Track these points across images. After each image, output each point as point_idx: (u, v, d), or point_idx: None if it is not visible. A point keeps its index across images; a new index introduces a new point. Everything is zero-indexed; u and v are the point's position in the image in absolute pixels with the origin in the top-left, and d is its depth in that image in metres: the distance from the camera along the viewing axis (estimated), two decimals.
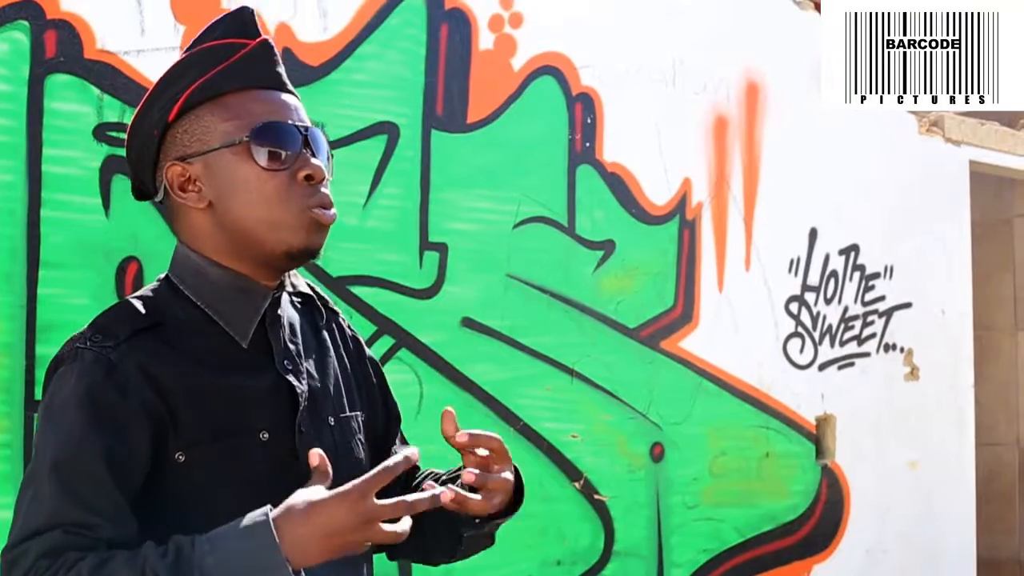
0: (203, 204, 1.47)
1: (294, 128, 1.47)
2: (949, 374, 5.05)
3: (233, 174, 1.44)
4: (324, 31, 3.11)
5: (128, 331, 1.42)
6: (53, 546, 1.29)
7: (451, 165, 3.37)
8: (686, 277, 3.99)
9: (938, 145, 5.04)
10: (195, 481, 1.40)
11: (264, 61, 1.50)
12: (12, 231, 2.55)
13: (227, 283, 1.48)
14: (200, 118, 1.46)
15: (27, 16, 2.59)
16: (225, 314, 1.47)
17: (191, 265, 1.49)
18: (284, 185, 1.45)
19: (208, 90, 1.46)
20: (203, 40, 1.51)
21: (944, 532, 4.98)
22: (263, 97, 1.48)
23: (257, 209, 1.44)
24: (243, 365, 1.47)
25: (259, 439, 1.44)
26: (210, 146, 1.45)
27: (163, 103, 1.48)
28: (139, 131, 1.51)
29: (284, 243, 1.45)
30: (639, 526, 3.83)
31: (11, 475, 2.54)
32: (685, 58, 4.01)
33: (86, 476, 1.33)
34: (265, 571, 1.24)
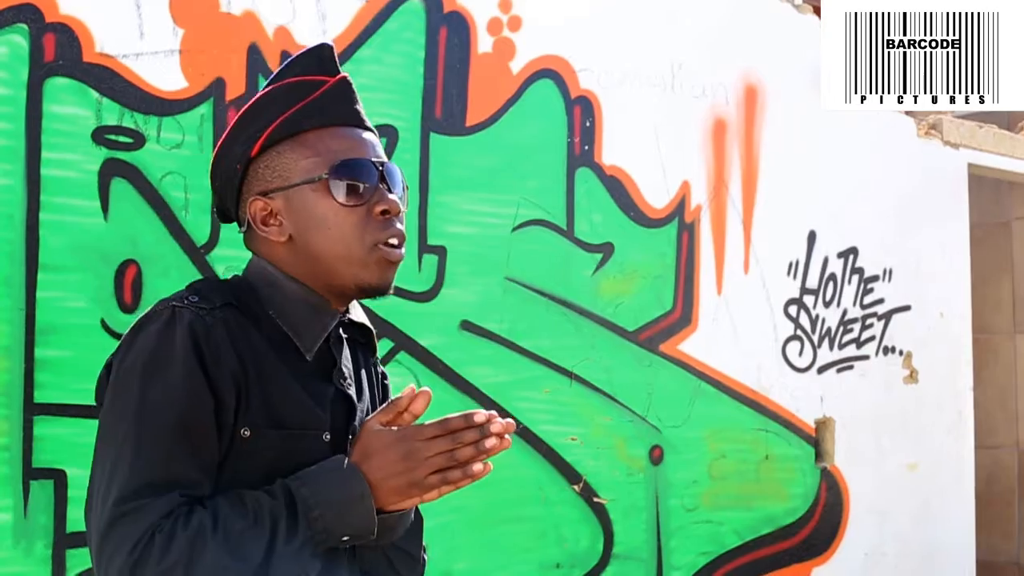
0: (284, 237, 1.51)
1: (371, 164, 1.53)
2: (948, 377, 5.05)
3: (312, 210, 1.49)
4: (323, 34, 3.11)
5: (221, 300, 1.46)
6: (174, 506, 1.35)
7: (450, 168, 3.37)
8: (685, 280, 4.00)
9: (937, 148, 5.04)
10: (254, 463, 1.44)
11: (343, 98, 1.56)
12: (11, 234, 2.56)
13: (300, 298, 1.52)
14: (281, 154, 1.51)
15: (26, 19, 2.59)
16: (295, 327, 1.51)
17: (267, 276, 1.54)
18: (361, 221, 1.50)
19: (289, 127, 1.51)
20: (284, 75, 1.56)
21: (943, 535, 4.98)
22: (342, 134, 1.54)
23: (335, 244, 1.49)
24: (308, 371, 1.52)
25: (323, 438, 1.50)
26: (291, 182, 1.50)
27: (245, 138, 1.52)
28: (223, 164, 1.55)
29: (358, 278, 1.51)
30: (638, 529, 3.83)
31: (10, 477, 2.54)
32: (684, 61, 4.02)
33: (204, 437, 1.39)
34: (352, 505, 1.40)
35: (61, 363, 2.61)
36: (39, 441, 2.58)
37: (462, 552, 3.34)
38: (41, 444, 2.59)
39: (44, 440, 2.59)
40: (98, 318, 2.67)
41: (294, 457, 1.45)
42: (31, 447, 2.57)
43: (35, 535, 2.57)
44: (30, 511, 2.57)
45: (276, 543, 1.36)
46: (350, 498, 1.39)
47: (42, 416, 2.59)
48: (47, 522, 2.59)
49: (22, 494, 2.56)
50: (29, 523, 2.57)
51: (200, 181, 2.85)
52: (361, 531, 1.41)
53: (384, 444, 1.42)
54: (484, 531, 3.38)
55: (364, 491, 1.39)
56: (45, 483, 2.59)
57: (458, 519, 3.31)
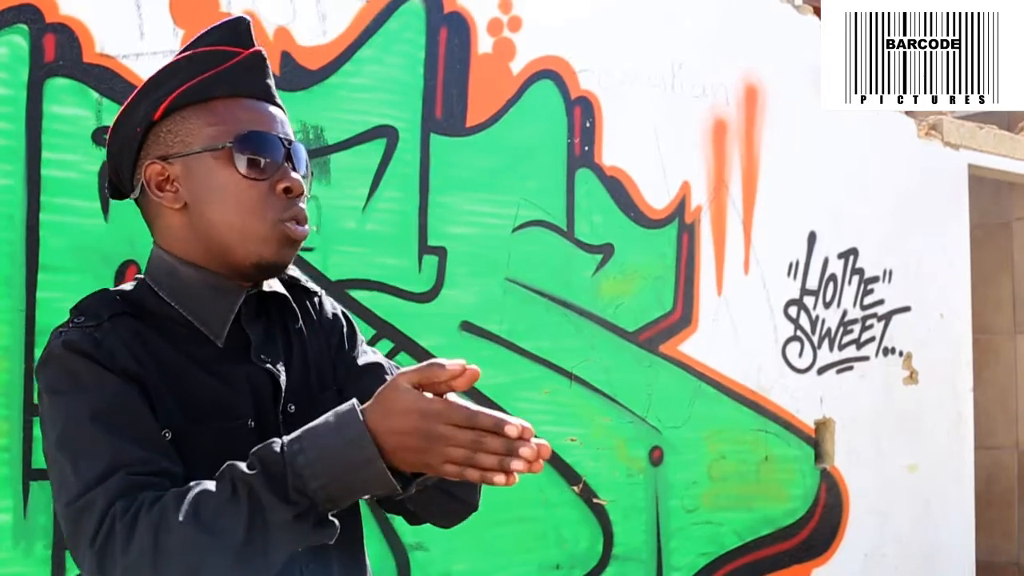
0: (178, 205, 1.47)
1: (277, 139, 1.48)
2: (948, 378, 5.05)
3: (212, 179, 1.45)
4: (323, 35, 3.11)
5: (109, 312, 1.43)
6: (123, 487, 1.30)
7: (450, 169, 3.37)
8: (685, 281, 3.99)
9: (937, 149, 5.04)
10: (188, 463, 1.40)
11: (255, 72, 1.51)
12: (11, 235, 2.56)
13: (200, 282, 1.48)
14: (185, 120, 1.47)
15: (26, 20, 2.59)
16: (199, 314, 1.47)
17: (164, 266, 1.50)
18: (262, 195, 1.45)
19: (196, 93, 1.47)
20: (197, 45, 1.52)
21: (943, 536, 4.98)
22: (250, 106, 1.49)
23: (231, 216, 1.45)
24: (220, 361, 1.48)
25: (247, 426, 1.45)
26: (192, 148, 1.46)
27: (150, 102, 1.48)
28: (123, 127, 1.51)
29: (255, 254, 1.46)
30: (638, 530, 3.83)
31: (10, 478, 2.54)
32: (684, 62, 4.02)
33: (128, 418, 1.35)
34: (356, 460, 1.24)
35: None
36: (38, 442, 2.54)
37: (461, 553, 3.34)
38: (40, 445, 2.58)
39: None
40: None
41: (224, 449, 1.39)
42: (31, 448, 2.57)
43: (35, 536, 2.57)
44: (30, 512, 2.56)
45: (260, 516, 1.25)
46: (354, 463, 1.24)
47: None
48: (47, 523, 2.58)
49: (22, 495, 2.56)
50: (29, 524, 2.56)
51: None
52: (379, 491, 1.28)
53: (405, 409, 1.25)
54: (484, 532, 3.38)
55: (371, 454, 1.24)
56: (45, 484, 2.59)
57: None
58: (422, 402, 1.24)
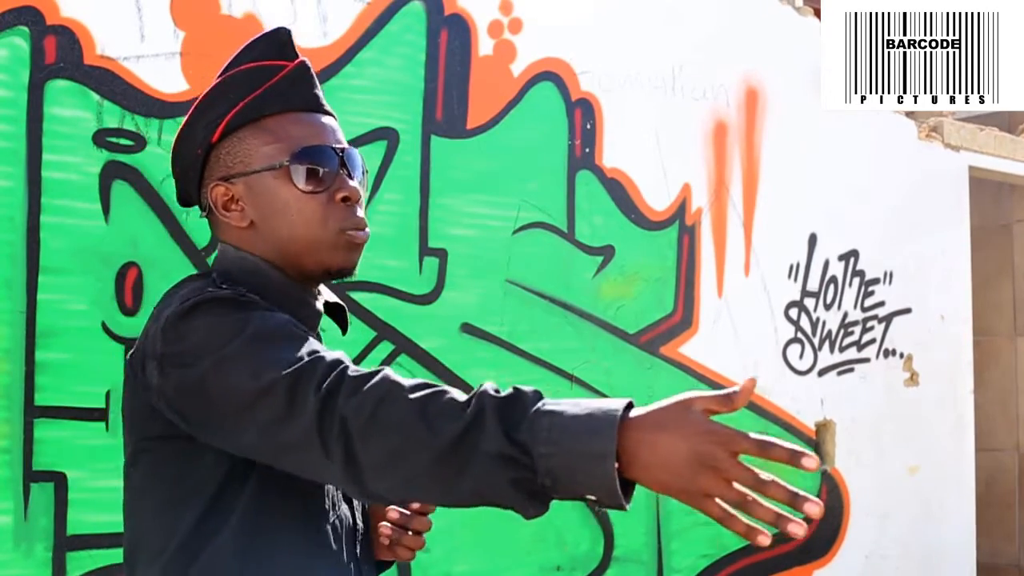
0: (245, 223, 1.51)
1: (331, 151, 1.52)
2: (949, 379, 5.05)
3: (274, 196, 1.49)
4: (324, 36, 3.11)
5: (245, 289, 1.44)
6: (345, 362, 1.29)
7: (451, 171, 3.37)
8: (685, 282, 3.99)
9: (937, 150, 5.04)
10: None
11: (302, 83, 1.55)
12: (12, 237, 2.56)
13: (284, 282, 1.52)
14: (242, 140, 1.51)
15: (27, 22, 2.59)
16: (292, 309, 1.49)
17: (246, 265, 1.51)
18: (322, 207, 1.50)
19: (249, 113, 1.51)
20: (241, 60, 1.55)
21: (944, 538, 4.98)
22: (302, 120, 1.53)
23: (297, 230, 1.49)
24: None
25: None
26: (252, 168, 1.50)
27: (206, 124, 1.52)
28: (184, 149, 1.55)
29: (322, 263, 1.51)
30: (638, 531, 3.82)
31: (11, 480, 2.54)
32: (684, 63, 4.02)
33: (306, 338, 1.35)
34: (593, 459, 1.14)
35: (62, 366, 2.61)
36: (39, 444, 2.58)
37: (462, 554, 3.34)
38: (41, 447, 2.59)
39: (44, 443, 2.59)
40: (99, 321, 2.67)
41: None
42: (31, 450, 2.57)
43: (35, 538, 2.57)
44: (30, 514, 2.56)
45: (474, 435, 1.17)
46: (587, 452, 1.14)
47: (42, 419, 2.58)
48: (47, 525, 2.58)
49: (22, 497, 2.56)
50: (29, 526, 2.56)
51: None
52: (600, 494, 1.16)
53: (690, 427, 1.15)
54: (484, 533, 3.38)
55: (607, 451, 1.14)
56: (45, 486, 2.59)
57: (458, 521, 3.31)
58: (711, 424, 1.16)
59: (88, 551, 2.63)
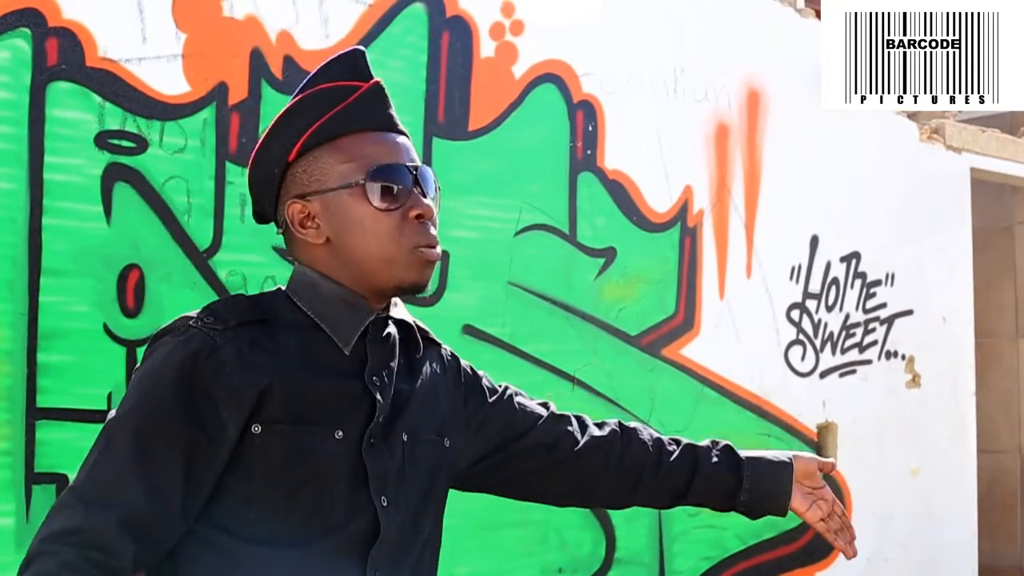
0: (321, 240, 1.55)
1: (405, 169, 1.56)
2: (950, 381, 5.04)
3: (350, 214, 1.53)
4: (326, 38, 3.11)
5: (236, 320, 1.49)
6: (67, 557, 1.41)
7: (452, 172, 3.37)
8: (687, 284, 3.99)
9: (939, 152, 5.04)
10: (263, 459, 1.45)
11: (377, 103, 1.60)
12: (13, 239, 2.56)
13: (337, 295, 1.55)
14: (318, 159, 1.54)
15: (29, 24, 2.59)
16: (331, 321, 1.54)
17: (306, 279, 1.57)
18: (396, 224, 1.53)
19: (325, 132, 1.54)
20: (318, 81, 1.59)
21: (945, 539, 4.97)
22: (377, 139, 1.57)
23: (372, 247, 1.53)
24: (336, 369, 1.54)
25: (333, 436, 1.50)
26: (328, 186, 1.53)
27: (282, 143, 1.56)
28: (261, 167, 1.58)
29: (396, 279, 1.54)
30: (640, 533, 3.82)
31: (12, 482, 2.54)
32: (686, 65, 4.02)
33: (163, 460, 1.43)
34: None
35: (63, 368, 2.61)
36: (41, 446, 2.58)
37: (464, 556, 3.33)
38: (43, 449, 2.59)
39: (46, 445, 2.59)
40: (100, 323, 2.67)
41: (302, 454, 1.46)
42: (33, 452, 2.57)
43: None
44: (32, 516, 2.56)
45: None
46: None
47: (44, 420, 2.58)
48: None
49: (24, 499, 2.56)
50: (31, 528, 2.56)
51: (202, 185, 2.85)
52: None
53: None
54: (486, 535, 3.38)
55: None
56: (47, 487, 2.59)
57: (460, 523, 3.30)
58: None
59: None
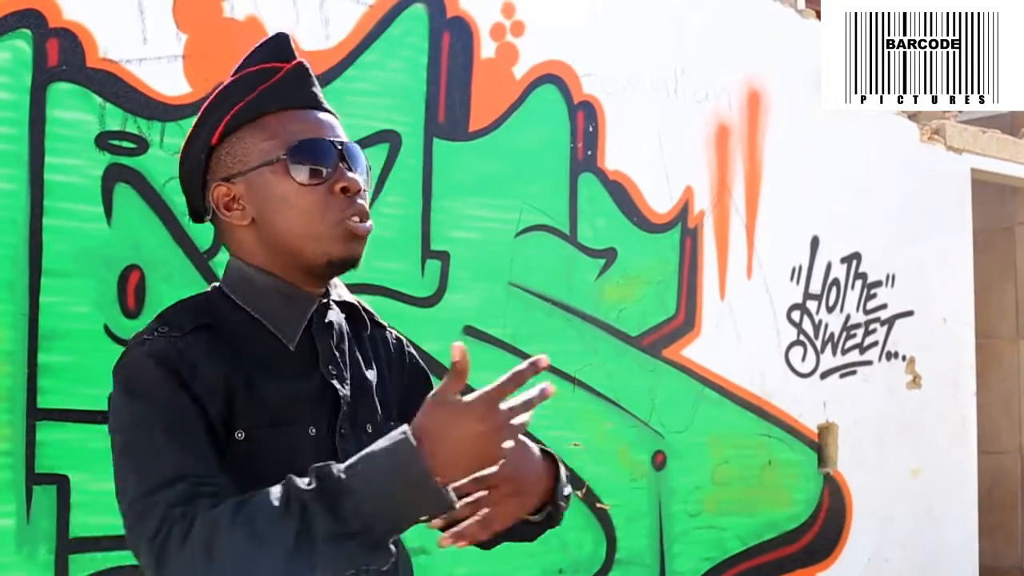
0: (247, 221, 1.53)
1: (329, 143, 1.54)
2: (951, 382, 5.04)
3: (273, 191, 1.51)
4: (326, 39, 3.12)
5: (192, 324, 1.48)
6: (185, 495, 1.33)
7: (453, 173, 3.37)
8: (688, 285, 3.99)
9: (940, 153, 5.04)
10: (248, 465, 1.44)
11: (300, 82, 1.58)
12: (14, 239, 2.56)
13: (273, 289, 1.54)
14: (241, 140, 1.53)
15: (29, 24, 2.59)
16: (272, 317, 1.53)
17: (240, 274, 1.56)
18: (321, 199, 1.51)
19: (248, 113, 1.53)
20: (244, 66, 1.58)
21: (946, 540, 4.97)
22: (299, 116, 1.55)
23: (297, 224, 1.51)
24: (291, 367, 1.53)
25: (308, 433, 1.50)
26: (250, 165, 1.52)
27: (207, 128, 1.55)
28: (188, 156, 1.58)
29: (325, 254, 1.52)
30: (641, 534, 3.82)
31: (13, 482, 2.54)
32: (687, 66, 4.02)
33: (195, 436, 1.40)
34: (410, 485, 1.27)
35: (64, 368, 2.61)
36: (42, 446, 2.58)
37: (464, 557, 3.33)
38: (44, 449, 2.59)
39: (47, 445, 2.59)
40: (101, 323, 2.67)
41: (284, 455, 1.45)
42: (34, 452, 2.57)
43: (38, 540, 2.57)
44: (33, 516, 2.56)
45: (308, 532, 1.27)
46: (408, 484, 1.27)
47: (45, 421, 2.58)
48: (50, 527, 2.58)
49: (25, 499, 2.56)
50: (32, 528, 2.56)
51: None
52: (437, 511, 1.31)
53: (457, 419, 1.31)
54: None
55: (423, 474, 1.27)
56: (48, 488, 2.59)
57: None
58: (468, 405, 1.31)
59: (91, 553, 2.62)
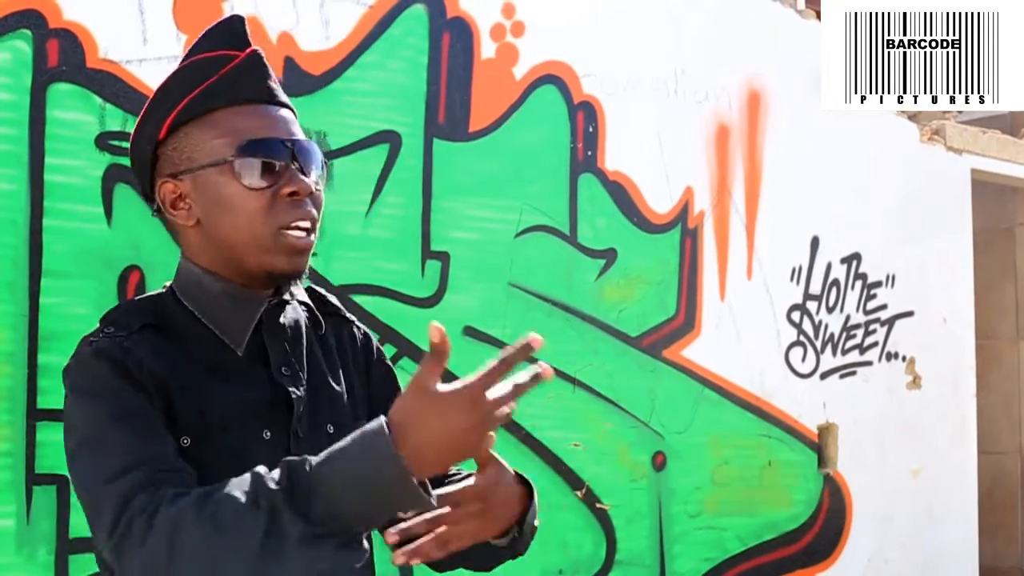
0: (192, 221, 1.46)
1: (280, 143, 1.44)
2: (951, 383, 5.04)
3: (219, 192, 1.43)
4: (326, 40, 3.11)
5: (138, 324, 1.43)
6: (144, 480, 1.28)
7: (453, 174, 3.37)
8: (688, 286, 3.99)
9: (940, 153, 5.04)
10: (204, 473, 1.37)
11: (253, 74, 1.47)
12: (14, 240, 2.56)
13: (220, 292, 1.47)
14: (189, 136, 1.45)
15: (29, 25, 2.59)
16: (220, 322, 1.47)
17: (190, 276, 1.50)
18: (267, 204, 1.42)
19: (196, 107, 1.44)
20: (196, 51, 1.49)
21: (946, 541, 4.97)
22: (251, 112, 1.45)
23: (238, 230, 1.43)
24: (240, 371, 1.46)
25: (262, 436, 1.44)
26: (197, 164, 1.43)
27: (155, 119, 1.47)
28: (136, 147, 1.51)
29: (265, 264, 1.44)
30: (641, 535, 3.82)
31: (12, 483, 2.54)
32: (687, 66, 4.02)
33: (149, 421, 1.35)
34: (386, 482, 1.19)
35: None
36: (42, 447, 2.58)
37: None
38: (44, 450, 2.59)
39: (47, 446, 2.59)
40: None
41: (240, 460, 1.36)
42: (34, 453, 2.57)
43: (38, 541, 2.57)
44: (33, 517, 2.56)
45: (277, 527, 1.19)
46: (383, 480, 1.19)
47: (45, 422, 2.58)
48: (50, 528, 2.58)
49: (25, 500, 2.56)
50: (32, 529, 2.56)
51: None
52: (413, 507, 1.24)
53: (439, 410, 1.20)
54: None
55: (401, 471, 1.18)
56: (48, 489, 2.59)
57: None
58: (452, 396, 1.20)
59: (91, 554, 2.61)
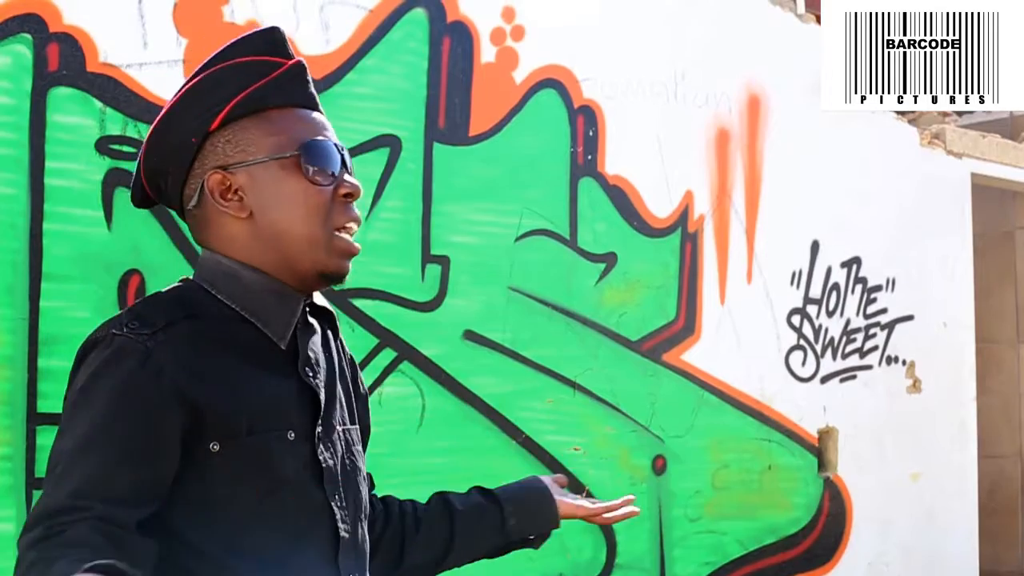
0: (244, 214, 1.47)
1: (335, 147, 1.51)
2: (951, 386, 5.04)
3: (280, 187, 1.46)
4: (327, 44, 3.12)
5: (165, 320, 1.42)
6: (77, 518, 1.35)
7: (453, 178, 3.37)
8: (688, 290, 3.99)
9: (940, 157, 5.04)
10: (224, 475, 1.39)
11: (301, 81, 1.54)
12: (14, 244, 2.56)
13: (262, 286, 1.49)
14: (245, 129, 1.48)
15: (30, 29, 2.60)
16: (262, 315, 1.48)
17: (222, 269, 1.50)
18: (327, 201, 1.48)
19: (252, 103, 1.48)
20: (231, 55, 1.52)
21: (946, 545, 4.97)
22: (304, 116, 1.51)
23: (299, 223, 1.47)
24: (274, 365, 1.48)
25: (287, 437, 1.45)
26: (257, 158, 1.47)
27: (200, 112, 1.48)
28: (169, 139, 1.50)
29: (320, 264, 1.48)
30: (641, 539, 3.82)
31: (13, 487, 2.54)
32: (687, 70, 4.02)
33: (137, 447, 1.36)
34: None
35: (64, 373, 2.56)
36: (42, 451, 2.58)
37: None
38: (44, 454, 2.57)
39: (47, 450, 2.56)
40: None
41: (264, 463, 1.41)
42: (34, 457, 2.57)
43: None
44: None
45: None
46: None
47: (45, 426, 2.58)
48: None
49: (25, 504, 2.56)
50: None
51: None
52: None
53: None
54: None
55: None
56: None
57: None
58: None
59: None
